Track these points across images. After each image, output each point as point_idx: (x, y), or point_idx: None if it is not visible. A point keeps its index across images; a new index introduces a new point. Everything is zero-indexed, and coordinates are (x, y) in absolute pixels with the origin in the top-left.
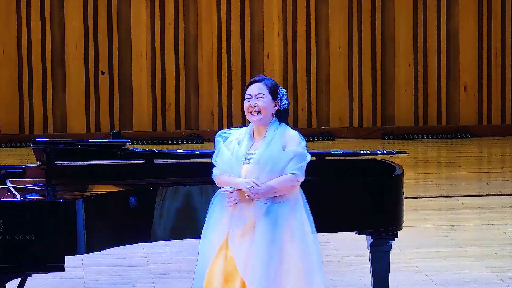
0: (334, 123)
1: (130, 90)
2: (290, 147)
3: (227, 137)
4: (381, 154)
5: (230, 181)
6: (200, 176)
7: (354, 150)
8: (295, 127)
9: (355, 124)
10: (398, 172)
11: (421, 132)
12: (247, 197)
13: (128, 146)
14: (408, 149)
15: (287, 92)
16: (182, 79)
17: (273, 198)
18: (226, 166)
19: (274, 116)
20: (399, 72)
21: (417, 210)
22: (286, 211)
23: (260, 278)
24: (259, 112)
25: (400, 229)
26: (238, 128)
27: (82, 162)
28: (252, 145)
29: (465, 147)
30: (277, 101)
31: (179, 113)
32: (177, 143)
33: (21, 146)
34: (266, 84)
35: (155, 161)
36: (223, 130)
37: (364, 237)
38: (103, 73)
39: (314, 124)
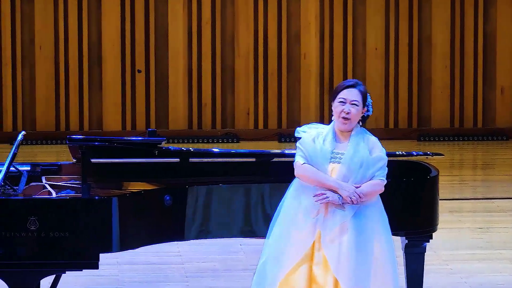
0: (369, 124)
1: (166, 89)
2: (375, 152)
3: (309, 128)
4: (416, 155)
5: (324, 178)
6: (236, 175)
7: (390, 151)
8: None
9: (391, 125)
10: (433, 173)
11: (457, 134)
12: (339, 200)
13: (163, 144)
14: (444, 151)
15: (371, 99)
16: (219, 78)
17: None
18: (313, 158)
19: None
20: (435, 74)
21: (452, 212)
22: (373, 213)
23: (354, 279)
24: (349, 119)
25: (434, 230)
26: (316, 124)
27: (117, 160)
28: (336, 145)
29: (500, 150)
30: (365, 108)
31: (215, 112)
32: (213, 142)
33: (57, 143)
34: (360, 91)
35: (190, 159)
36: (308, 125)
37: (398, 238)
38: (139, 71)
39: None
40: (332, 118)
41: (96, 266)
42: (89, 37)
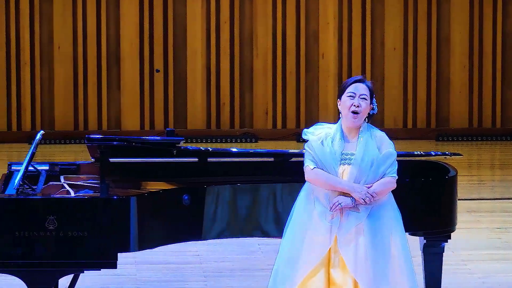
0: (388, 124)
1: (184, 88)
2: (385, 149)
3: (316, 129)
4: (435, 155)
5: (336, 181)
6: (254, 175)
7: (408, 151)
8: None
9: (409, 125)
10: (452, 173)
11: (475, 134)
12: (352, 202)
13: (182, 144)
14: (462, 151)
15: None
16: (237, 77)
17: None
18: (323, 162)
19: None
20: (454, 74)
21: (470, 212)
22: (387, 212)
23: (373, 279)
24: (358, 113)
25: (453, 230)
26: (322, 124)
27: (135, 159)
28: (345, 145)
29: None
30: (371, 105)
31: (233, 112)
32: (231, 141)
33: (75, 143)
34: (368, 86)
35: (208, 159)
36: (315, 125)
37: (417, 238)
38: (158, 70)
39: None
40: (340, 116)
41: (114, 266)
42: (107, 37)
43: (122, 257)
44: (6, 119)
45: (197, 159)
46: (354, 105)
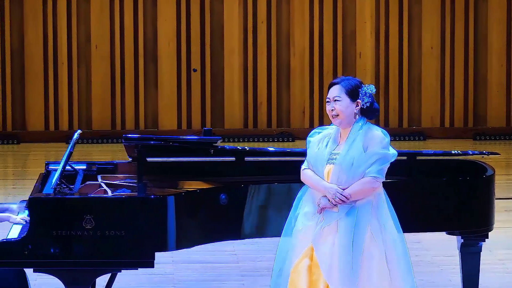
0: (425, 123)
1: (222, 88)
2: (371, 148)
3: (318, 133)
4: (472, 154)
5: (316, 182)
6: (291, 174)
7: (445, 150)
8: (386, 126)
9: (447, 124)
10: (489, 172)
11: None
12: (329, 204)
13: (219, 143)
14: (500, 150)
15: (375, 89)
16: (274, 77)
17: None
18: (311, 162)
19: (358, 116)
20: (491, 72)
21: (508, 211)
22: (367, 212)
23: (342, 279)
24: (337, 115)
25: (490, 230)
26: (330, 126)
27: (173, 158)
28: (337, 145)
29: None
30: (358, 100)
31: (270, 111)
32: (268, 141)
33: (112, 142)
34: (343, 86)
35: (246, 158)
36: (316, 128)
37: (454, 237)
38: (195, 70)
39: (405, 124)
40: None
41: (151, 265)
42: (144, 36)
43: (159, 256)
44: (43, 119)
45: (234, 158)
46: (330, 110)
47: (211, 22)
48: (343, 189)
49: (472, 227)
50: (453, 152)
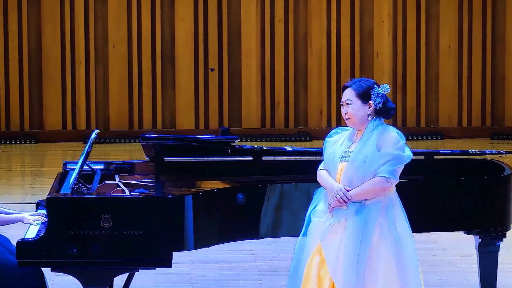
0: (443, 122)
1: (239, 87)
2: (385, 149)
3: (338, 133)
4: (490, 154)
5: (326, 181)
6: (309, 174)
7: (463, 149)
8: (403, 125)
9: (464, 124)
10: (507, 172)
11: None
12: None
13: (236, 143)
14: None
15: (389, 88)
16: (291, 76)
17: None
18: (326, 162)
19: (371, 116)
20: (509, 71)
21: None
22: (376, 211)
23: (348, 278)
24: (349, 118)
25: (508, 229)
26: (349, 127)
27: (190, 158)
28: (352, 143)
29: None
30: (370, 102)
31: (287, 111)
32: (285, 140)
33: (130, 142)
34: (353, 89)
35: (263, 158)
36: (336, 128)
37: (472, 236)
38: (212, 69)
39: (423, 123)
40: None
41: (169, 264)
42: (162, 36)
43: (177, 256)
44: (61, 118)
45: (251, 158)
46: (344, 113)
47: (228, 22)
48: (352, 189)
49: (490, 226)
50: (470, 151)
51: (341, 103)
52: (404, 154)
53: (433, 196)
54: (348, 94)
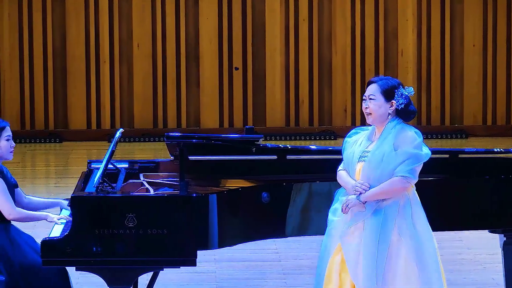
0: (467, 120)
1: (263, 86)
2: (402, 148)
3: (357, 133)
4: None
5: (345, 181)
6: (333, 172)
7: (488, 148)
8: (427, 124)
9: (489, 122)
10: None
11: None
12: (356, 201)
13: (261, 141)
14: None
15: (413, 91)
16: (316, 75)
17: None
18: (345, 162)
19: (391, 116)
20: None
21: None
22: (394, 212)
23: (367, 278)
24: (369, 114)
25: None
26: (368, 127)
27: (215, 157)
28: (370, 143)
29: None
30: (393, 101)
31: (312, 109)
32: (310, 139)
33: (154, 141)
34: (379, 85)
35: (287, 157)
36: (355, 128)
37: (497, 235)
38: (237, 68)
39: (447, 122)
40: None
41: (194, 263)
42: (186, 35)
43: (201, 254)
44: (85, 117)
45: (276, 157)
46: (365, 108)
47: (253, 20)
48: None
49: None
50: (495, 150)
51: (363, 97)
52: (422, 153)
53: (457, 195)
54: (373, 89)
